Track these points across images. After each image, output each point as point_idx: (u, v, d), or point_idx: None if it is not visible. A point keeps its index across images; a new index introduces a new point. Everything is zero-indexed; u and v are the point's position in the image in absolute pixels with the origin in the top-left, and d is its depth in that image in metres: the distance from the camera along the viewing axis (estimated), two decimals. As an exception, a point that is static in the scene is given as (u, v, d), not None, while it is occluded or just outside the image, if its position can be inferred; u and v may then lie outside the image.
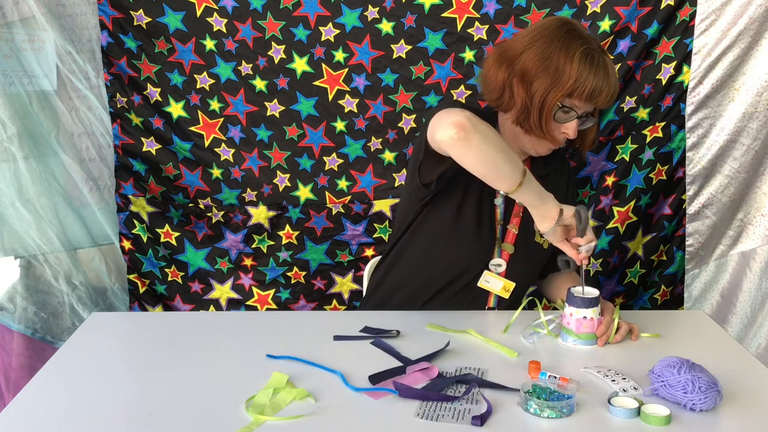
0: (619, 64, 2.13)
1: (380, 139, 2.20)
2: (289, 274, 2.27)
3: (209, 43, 2.13)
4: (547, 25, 1.59)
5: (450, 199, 1.67)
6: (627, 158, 2.21)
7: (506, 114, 1.67)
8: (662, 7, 2.08)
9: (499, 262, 1.68)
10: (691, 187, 2.20)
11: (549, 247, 1.72)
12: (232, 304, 2.29)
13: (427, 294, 1.71)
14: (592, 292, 1.50)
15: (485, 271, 1.68)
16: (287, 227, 2.25)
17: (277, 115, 2.18)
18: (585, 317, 1.46)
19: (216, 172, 2.22)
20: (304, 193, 2.24)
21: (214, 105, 2.18)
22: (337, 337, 1.50)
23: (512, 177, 1.43)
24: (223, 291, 2.28)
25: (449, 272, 1.69)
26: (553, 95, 1.53)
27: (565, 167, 1.83)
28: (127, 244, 2.23)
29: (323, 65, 2.14)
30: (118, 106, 2.16)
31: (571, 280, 1.78)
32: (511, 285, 1.67)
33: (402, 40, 2.13)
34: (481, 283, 1.68)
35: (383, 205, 2.24)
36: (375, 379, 1.29)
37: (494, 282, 1.68)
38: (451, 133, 1.39)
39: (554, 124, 1.58)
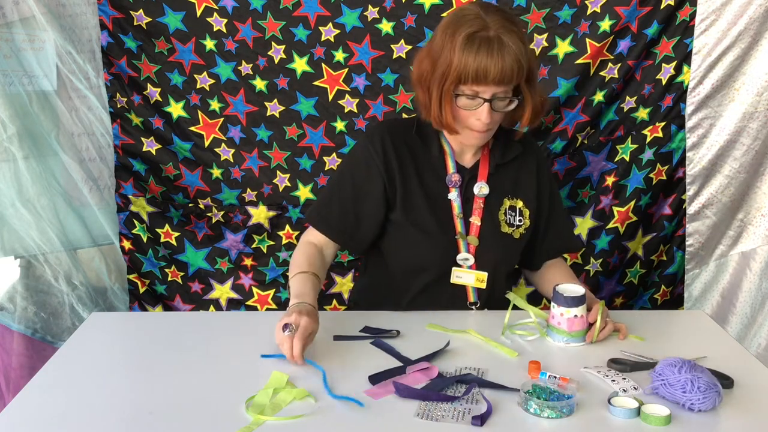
0: (619, 64, 2.13)
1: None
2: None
3: (209, 43, 2.13)
4: (444, 20, 1.62)
5: (395, 211, 1.68)
6: (627, 158, 2.21)
7: None
8: (662, 7, 2.08)
9: (465, 257, 1.68)
10: (691, 187, 2.20)
11: (521, 236, 1.72)
12: (232, 304, 2.29)
13: (407, 297, 1.71)
14: (578, 289, 1.51)
15: (453, 268, 1.68)
16: (287, 227, 2.25)
17: (277, 115, 2.18)
18: (576, 315, 1.48)
19: (216, 172, 2.22)
20: (304, 193, 2.24)
21: (214, 105, 2.18)
22: (337, 337, 1.50)
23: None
24: (223, 291, 2.28)
25: (422, 274, 1.70)
26: (445, 86, 1.55)
27: (531, 153, 1.79)
28: (127, 244, 2.23)
29: (323, 65, 2.14)
30: (118, 106, 2.15)
31: (561, 274, 1.77)
32: (484, 275, 1.67)
33: (402, 40, 2.13)
34: (454, 279, 1.68)
35: (383, 205, 2.23)
36: (375, 379, 1.29)
37: (466, 276, 1.68)
38: None
39: (464, 112, 1.58)
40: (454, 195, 1.69)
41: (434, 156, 1.69)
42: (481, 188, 1.70)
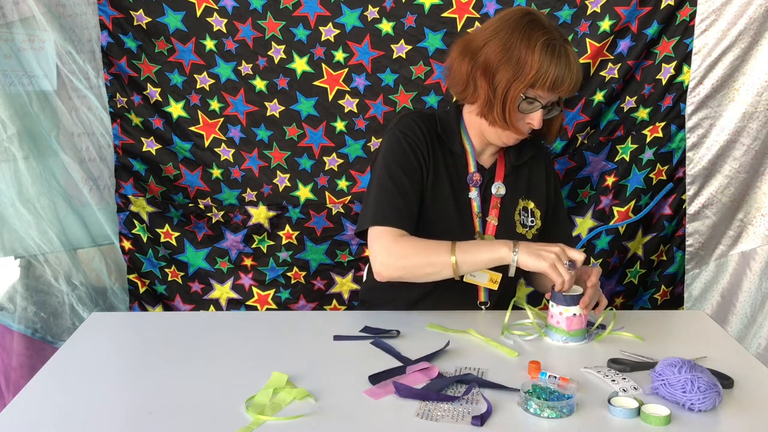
0: (619, 64, 2.13)
1: (380, 140, 2.20)
2: (289, 274, 2.27)
3: (209, 43, 2.13)
4: (509, 16, 1.59)
5: (424, 200, 1.67)
6: (627, 158, 2.21)
7: (471, 106, 1.67)
8: (662, 7, 2.08)
9: None
10: (691, 187, 2.20)
11: (534, 237, 1.73)
12: (232, 304, 2.29)
13: (418, 293, 1.71)
14: (577, 288, 1.52)
15: None
16: (287, 227, 2.25)
17: (277, 115, 2.19)
18: (575, 314, 1.48)
19: (216, 172, 2.22)
20: (304, 193, 2.24)
21: (214, 105, 2.18)
22: (337, 337, 1.50)
23: (443, 271, 1.54)
24: (223, 291, 2.28)
25: None
26: (515, 87, 1.54)
27: (542, 156, 1.81)
28: (127, 244, 2.23)
29: (323, 65, 2.14)
30: (118, 106, 2.16)
31: None
32: (498, 276, 1.67)
33: (402, 40, 2.13)
34: (468, 278, 1.67)
35: (383, 205, 2.23)
36: (375, 379, 1.29)
37: (480, 276, 1.67)
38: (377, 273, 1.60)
39: (519, 114, 1.59)
40: (474, 194, 1.69)
41: (456, 153, 1.70)
42: (498, 188, 1.71)
